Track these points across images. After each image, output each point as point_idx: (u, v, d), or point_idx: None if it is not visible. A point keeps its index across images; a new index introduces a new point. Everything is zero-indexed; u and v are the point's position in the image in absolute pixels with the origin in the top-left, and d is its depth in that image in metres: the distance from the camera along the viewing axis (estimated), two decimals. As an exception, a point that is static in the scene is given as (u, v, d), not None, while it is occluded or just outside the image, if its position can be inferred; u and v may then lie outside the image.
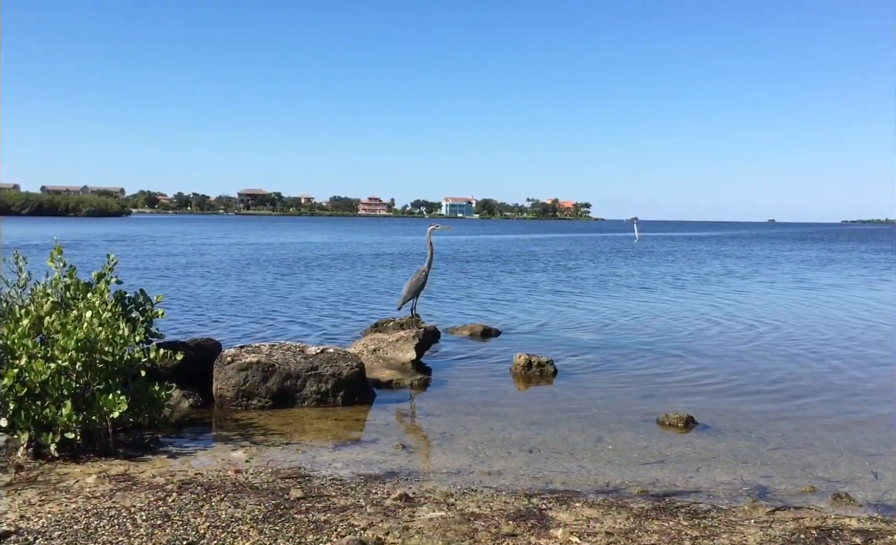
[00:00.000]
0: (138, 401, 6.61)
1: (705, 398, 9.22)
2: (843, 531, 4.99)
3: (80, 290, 7.06)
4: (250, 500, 5.23)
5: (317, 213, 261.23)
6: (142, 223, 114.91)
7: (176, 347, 7.90)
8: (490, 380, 10.20)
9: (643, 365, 11.27)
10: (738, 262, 39.63)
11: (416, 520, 4.98)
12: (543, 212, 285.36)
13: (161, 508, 5.00)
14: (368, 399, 8.83)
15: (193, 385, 8.38)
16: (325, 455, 6.72)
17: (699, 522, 5.14)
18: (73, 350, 6.18)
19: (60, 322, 6.49)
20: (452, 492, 5.69)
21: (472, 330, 13.88)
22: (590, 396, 9.28)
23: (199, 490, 5.42)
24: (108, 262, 7.36)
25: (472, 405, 8.75)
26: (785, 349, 12.83)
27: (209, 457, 6.52)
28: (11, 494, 5.24)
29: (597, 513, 5.26)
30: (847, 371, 11.04)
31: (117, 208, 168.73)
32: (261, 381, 8.32)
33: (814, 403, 9.08)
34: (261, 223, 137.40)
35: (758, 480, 6.27)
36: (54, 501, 5.09)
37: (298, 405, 8.42)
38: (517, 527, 4.90)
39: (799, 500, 5.80)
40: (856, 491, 6.02)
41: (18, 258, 7.33)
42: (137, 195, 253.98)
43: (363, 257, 39.06)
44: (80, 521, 4.71)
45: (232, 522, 4.79)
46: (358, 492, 5.59)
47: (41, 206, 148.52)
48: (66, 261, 7.25)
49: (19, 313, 6.64)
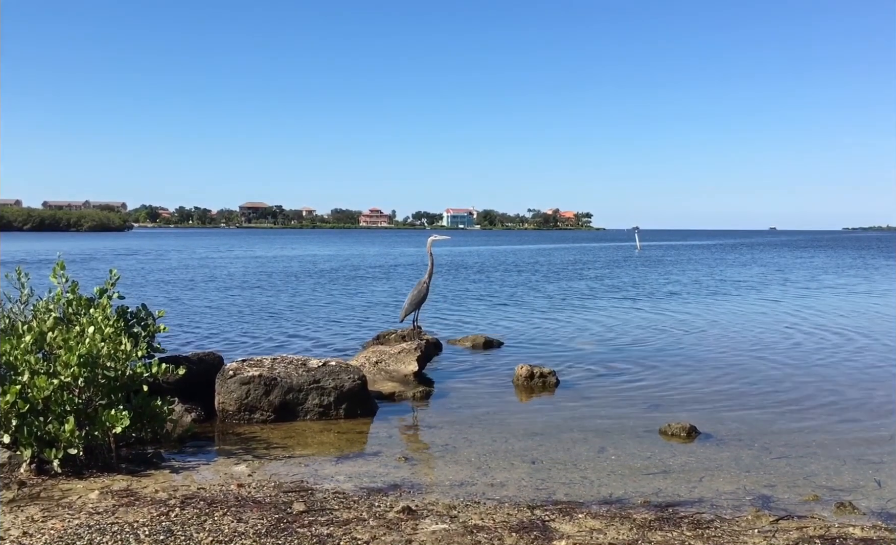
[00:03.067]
0: (141, 416, 6.61)
1: (708, 408, 9.21)
2: (846, 540, 4.98)
3: (83, 306, 7.07)
4: (253, 514, 5.22)
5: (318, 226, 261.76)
6: (144, 237, 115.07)
7: (178, 362, 7.92)
8: (492, 391, 10.19)
9: (646, 375, 11.26)
10: (741, 270, 39.62)
11: (418, 532, 4.98)
12: (545, 222, 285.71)
13: (164, 523, 5.00)
14: (371, 411, 8.83)
15: (196, 399, 8.39)
16: (328, 468, 6.72)
17: (702, 532, 5.13)
18: (75, 365, 6.18)
19: (63, 337, 6.50)
20: (455, 505, 5.68)
21: (473, 341, 13.87)
22: (592, 407, 9.28)
23: (202, 504, 5.42)
24: (111, 277, 7.38)
25: (475, 416, 8.75)
26: (788, 358, 12.82)
27: (212, 471, 6.52)
28: (14, 511, 5.24)
29: (600, 525, 5.25)
30: (851, 380, 11.03)
31: (119, 223, 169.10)
32: (263, 395, 8.33)
33: (817, 412, 9.06)
34: (262, 236, 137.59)
35: (761, 490, 6.26)
36: (57, 517, 5.09)
37: (301, 418, 8.42)
38: (520, 540, 4.89)
39: (802, 509, 5.79)
40: (859, 499, 6.01)
41: (21, 274, 7.36)
42: (139, 209, 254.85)
43: (365, 269, 39.07)
44: (83, 537, 4.71)
45: (235, 537, 4.79)
46: (361, 505, 5.59)
47: (43, 222, 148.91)
48: (68, 276, 7.27)
49: (22, 329, 6.65)
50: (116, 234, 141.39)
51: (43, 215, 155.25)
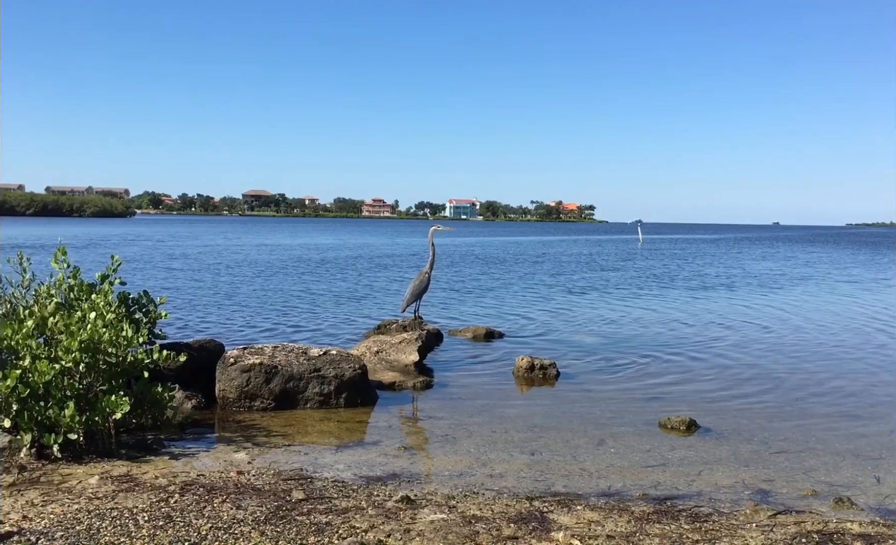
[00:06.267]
0: (141, 402, 6.63)
1: (708, 401, 9.22)
2: (844, 535, 4.98)
3: (84, 291, 7.07)
4: (252, 502, 5.24)
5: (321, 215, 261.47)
6: (146, 224, 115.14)
7: (179, 349, 7.94)
8: (492, 382, 10.20)
9: (646, 368, 11.26)
10: (745, 264, 39.57)
11: (417, 522, 4.99)
12: (547, 214, 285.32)
13: (163, 509, 5.01)
14: (371, 401, 8.84)
15: (196, 386, 8.41)
16: (328, 457, 6.74)
17: (701, 526, 5.13)
18: (76, 351, 6.20)
19: (64, 323, 6.51)
20: (454, 495, 5.69)
21: (474, 332, 13.88)
22: (592, 399, 9.28)
23: (202, 491, 5.43)
24: (112, 263, 7.38)
25: (475, 407, 8.76)
26: (788, 352, 12.82)
27: (211, 458, 6.53)
28: (14, 495, 5.26)
29: (598, 517, 5.26)
30: (850, 375, 11.02)
31: (122, 209, 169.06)
32: (263, 383, 8.34)
33: (816, 407, 9.06)
34: (265, 224, 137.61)
35: (760, 484, 6.26)
36: (57, 502, 5.11)
37: (301, 407, 8.44)
38: (518, 530, 4.90)
39: (801, 504, 5.79)
40: (858, 495, 6.01)
41: (22, 259, 7.36)
42: (142, 196, 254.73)
43: (367, 259, 39.07)
44: (82, 522, 4.73)
45: (234, 524, 4.80)
46: (360, 494, 5.60)
47: (46, 207, 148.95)
48: (69, 261, 7.27)
49: (23, 314, 6.66)
50: (119, 220, 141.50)
51: (46, 200, 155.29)
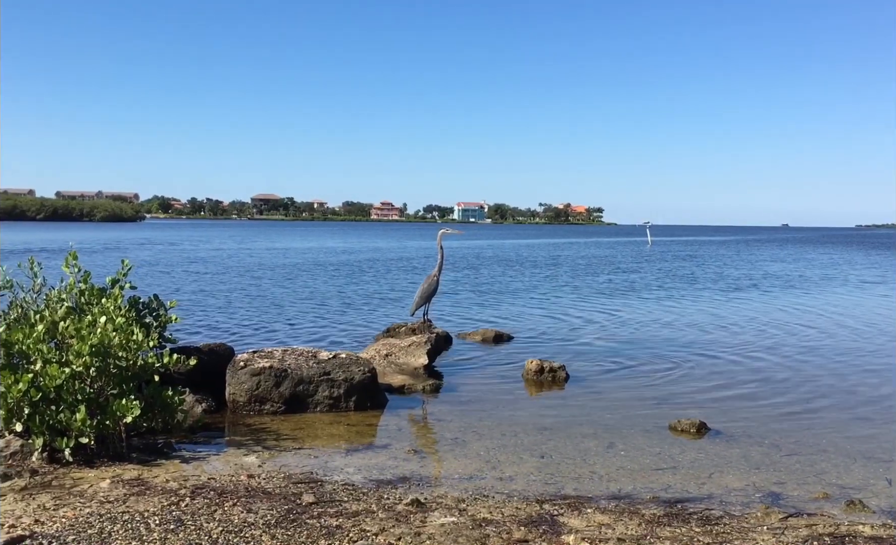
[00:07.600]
0: (152, 405, 6.65)
1: (718, 404, 9.18)
2: (856, 538, 4.95)
3: (95, 296, 7.11)
4: (263, 505, 5.25)
5: (329, 218, 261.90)
6: (156, 228, 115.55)
7: (189, 352, 7.96)
8: (502, 385, 10.19)
9: (656, 370, 11.23)
10: (753, 266, 39.42)
11: (427, 525, 4.99)
12: (556, 216, 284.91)
13: (174, 513, 5.03)
14: (381, 404, 8.84)
15: (206, 390, 8.43)
16: (338, 460, 6.74)
17: (711, 529, 5.11)
18: (87, 355, 6.22)
19: (75, 327, 6.55)
20: (464, 498, 5.69)
21: (484, 335, 13.87)
22: (602, 402, 9.26)
23: (212, 495, 5.45)
24: (122, 267, 7.41)
25: (484, 410, 8.75)
26: (799, 355, 12.75)
27: (222, 461, 6.55)
28: (26, 499, 5.29)
29: (608, 520, 5.25)
30: (861, 377, 10.96)
31: (131, 213, 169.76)
32: (273, 386, 8.36)
33: (827, 409, 9.02)
34: (274, 228, 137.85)
35: (770, 487, 6.24)
36: (68, 506, 5.13)
37: (311, 410, 8.45)
38: (528, 534, 4.89)
39: (812, 507, 5.76)
40: (870, 497, 5.98)
41: (33, 263, 7.40)
42: (151, 200, 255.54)
43: (376, 262, 39.10)
44: (93, 526, 4.75)
45: (244, 527, 4.81)
46: (370, 497, 5.61)
47: (56, 212, 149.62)
48: (80, 266, 7.31)
49: (34, 318, 6.70)
50: (129, 224, 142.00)
51: (56, 205, 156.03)
